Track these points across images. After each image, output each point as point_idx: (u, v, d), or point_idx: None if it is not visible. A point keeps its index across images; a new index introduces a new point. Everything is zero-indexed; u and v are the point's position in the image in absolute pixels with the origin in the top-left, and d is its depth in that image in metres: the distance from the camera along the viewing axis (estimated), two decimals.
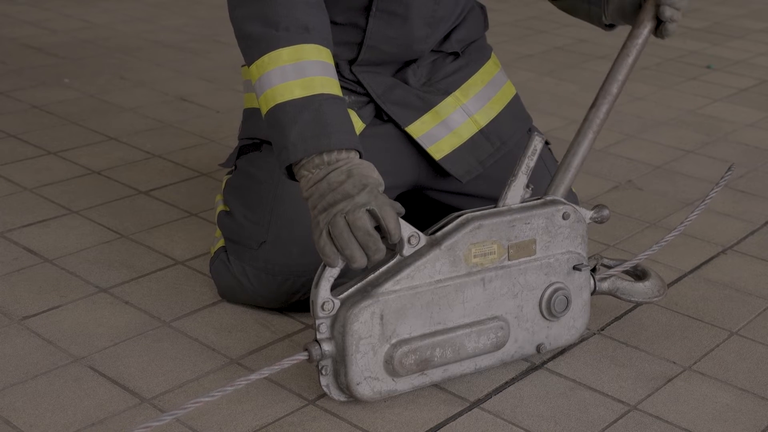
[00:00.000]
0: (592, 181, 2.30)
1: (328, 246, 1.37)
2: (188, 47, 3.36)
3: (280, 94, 1.44)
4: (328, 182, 1.39)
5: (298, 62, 1.45)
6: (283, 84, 1.44)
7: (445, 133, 1.78)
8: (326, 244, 1.37)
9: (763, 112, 2.85)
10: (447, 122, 1.78)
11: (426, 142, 1.76)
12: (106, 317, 1.69)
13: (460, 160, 1.78)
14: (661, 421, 1.45)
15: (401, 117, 1.75)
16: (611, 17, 1.74)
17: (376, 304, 1.40)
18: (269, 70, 1.45)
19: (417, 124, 1.76)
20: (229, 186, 1.77)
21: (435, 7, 1.72)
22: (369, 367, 1.42)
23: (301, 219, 1.63)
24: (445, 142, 1.78)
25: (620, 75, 1.60)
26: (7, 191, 2.18)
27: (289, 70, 1.45)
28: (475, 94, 1.82)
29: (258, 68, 1.47)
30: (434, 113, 1.77)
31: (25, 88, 2.87)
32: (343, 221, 1.35)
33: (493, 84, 1.86)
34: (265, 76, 1.46)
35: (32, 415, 1.42)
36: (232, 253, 1.69)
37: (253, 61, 1.48)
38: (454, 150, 1.78)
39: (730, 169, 1.70)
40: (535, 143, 1.49)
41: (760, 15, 4.08)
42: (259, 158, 1.72)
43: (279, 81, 1.44)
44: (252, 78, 1.48)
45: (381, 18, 1.68)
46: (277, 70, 1.45)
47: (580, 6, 1.80)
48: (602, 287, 1.61)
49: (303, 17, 1.47)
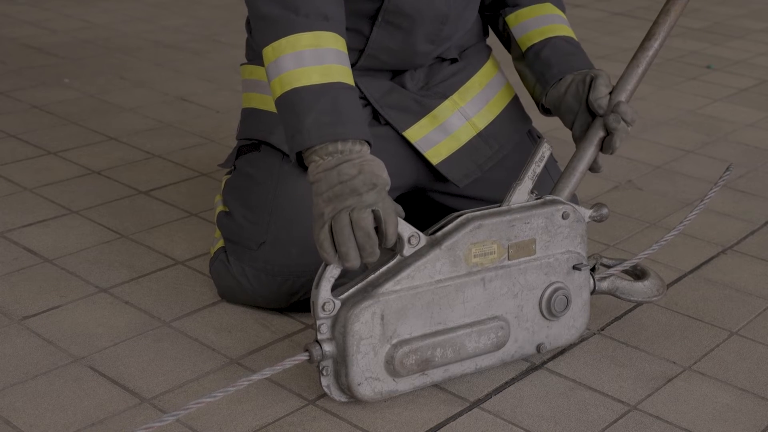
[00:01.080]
0: (592, 181, 2.30)
1: (327, 241, 1.37)
2: (188, 47, 3.36)
3: (297, 79, 1.44)
4: (339, 173, 1.39)
5: (317, 48, 1.45)
6: (301, 69, 1.44)
7: (442, 137, 1.77)
8: (326, 238, 1.37)
9: (763, 112, 2.85)
10: (445, 126, 1.77)
11: (423, 147, 1.76)
12: (106, 317, 1.69)
13: (458, 164, 1.78)
14: (661, 421, 1.45)
15: (398, 121, 1.74)
16: (548, 103, 1.74)
17: (377, 304, 1.40)
18: (287, 53, 1.45)
19: (414, 129, 1.75)
20: (228, 186, 1.77)
21: (441, 27, 1.71)
22: (370, 368, 1.42)
23: (301, 219, 1.63)
24: (443, 146, 1.77)
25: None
26: (7, 191, 2.18)
27: (307, 55, 1.44)
28: (473, 97, 1.82)
29: (274, 50, 1.46)
30: (432, 117, 1.77)
31: (25, 88, 2.87)
32: (347, 218, 1.35)
33: (492, 86, 1.86)
34: (281, 59, 1.45)
35: (32, 415, 1.43)
36: (231, 254, 1.69)
37: (268, 42, 1.47)
38: (452, 154, 1.78)
39: (728, 169, 1.70)
40: (543, 150, 1.49)
41: (760, 15, 4.08)
42: (258, 159, 1.72)
43: (297, 65, 1.44)
44: (266, 59, 1.48)
45: (385, 29, 1.68)
46: (295, 54, 1.45)
47: (530, 77, 1.79)
48: (602, 287, 1.61)
49: (323, 6, 1.47)
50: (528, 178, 1.50)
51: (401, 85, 1.77)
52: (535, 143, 1.86)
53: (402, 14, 1.66)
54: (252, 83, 1.79)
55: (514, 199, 1.50)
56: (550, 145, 1.50)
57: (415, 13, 1.66)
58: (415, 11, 1.66)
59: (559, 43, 1.76)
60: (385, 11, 1.65)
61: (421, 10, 1.66)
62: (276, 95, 1.46)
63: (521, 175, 1.51)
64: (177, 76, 3.04)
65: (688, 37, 3.68)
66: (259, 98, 1.77)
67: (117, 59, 3.20)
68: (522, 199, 1.51)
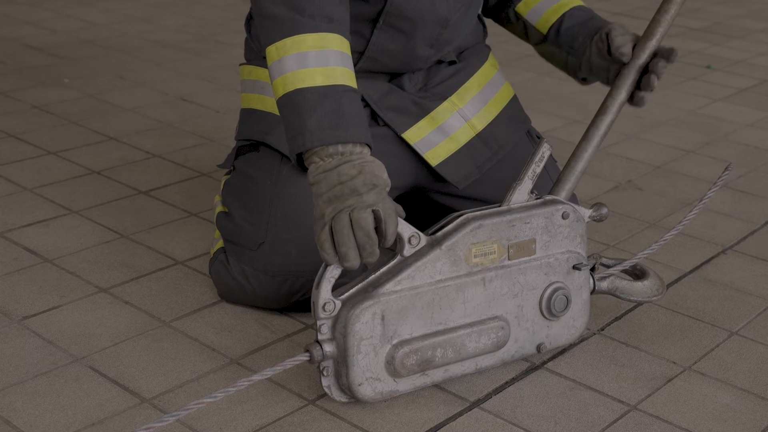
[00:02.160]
0: (592, 181, 2.30)
1: (328, 242, 1.37)
2: (188, 47, 3.36)
3: (301, 80, 1.44)
4: (338, 174, 1.39)
5: (322, 50, 1.45)
6: (305, 69, 1.44)
7: (441, 138, 1.77)
8: (327, 239, 1.37)
9: (763, 112, 2.85)
10: (443, 127, 1.77)
11: (422, 148, 1.76)
12: (106, 317, 1.69)
13: (458, 166, 1.78)
14: (661, 421, 1.45)
15: (397, 123, 1.74)
16: (582, 72, 1.80)
17: (377, 304, 1.40)
18: (291, 54, 1.45)
19: (413, 130, 1.75)
20: (227, 187, 1.77)
21: (441, 31, 1.71)
22: (370, 368, 1.42)
23: (300, 220, 1.63)
24: (442, 148, 1.77)
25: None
26: (7, 191, 2.18)
27: (311, 56, 1.45)
28: (472, 98, 1.82)
29: (278, 50, 1.46)
30: (430, 119, 1.77)
31: (25, 88, 2.87)
32: (347, 218, 1.36)
33: (491, 86, 1.86)
34: (285, 59, 1.45)
35: (32, 415, 1.43)
36: (231, 254, 1.69)
37: (273, 42, 1.47)
38: (451, 155, 1.77)
39: (728, 168, 1.70)
40: (542, 150, 1.49)
41: (760, 15, 4.08)
42: (257, 159, 1.72)
43: (300, 66, 1.44)
44: (269, 59, 1.48)
45: (386, 32, 1.68)
46: (299, 54, 1.45)
47: (559, 54, 1.84)
48: (601, 286, 1.61)
49: (328, 8, 1.48)
50: (528, 178, 1.50)
51: (400, 86, 1.77)
52: (534, 143, 1.86)
53: (403, 17, 1.66)
54: (251, 84, 1.79)
55: (514, 199, 1.50)
56: (549, 145, 1.50)
57: (417, 16, 1.66)
58: (416, 14, 1.66)
59: (575, 13, 1.82)
60: (387, 14, 1.65)
61: (423, 13, 1.67)
62: (278, 95, 1.47)
63: (521, 175, 1.51)
64: (177, 76, 3.04)
65: (688, 37, 3.68)
66: (257, 99, 1.77)
67: (117, 59, 3.20)
68: (522, 199, 1.51)
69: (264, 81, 1.75)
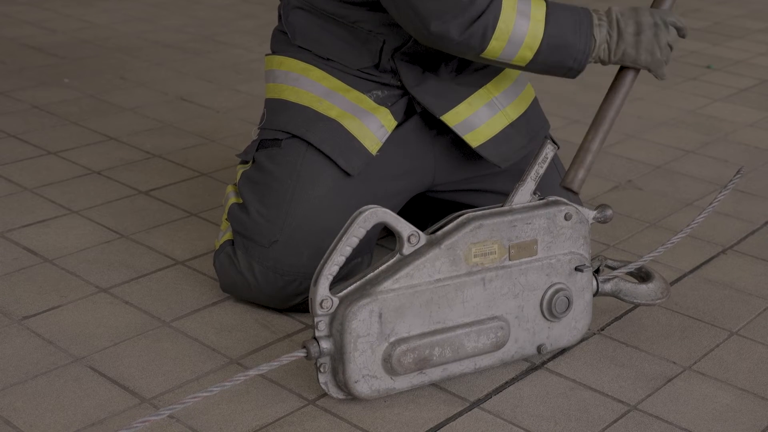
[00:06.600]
0: (592, 181, 2.30)
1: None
2: (188, 47, 3.36)
3: (541, 21, 1.61)
4: (618, 22, 1.65)
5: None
6: (534, 19, 1.61)
7: (478, 123, 1.76)
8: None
9: (763, 112, 2.85)
10: (479, 114, 1.76)
11: (461, 131, 1.74)
12: (106, 317, 1.69)
13: (497, 148, 1.76)
14: (661, 421, 1.45)
15: (435, 107, 1.73)
16: None
17: (375, 302, 1.40)
18: (514, 20, 1.59)
19: (451, 114, 1.74)
20: (245, 178, 1.74)
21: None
22: (367, 365, 1.42)
23: (317, 222, 1.63)
24: (480, 132, 1.76)
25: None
26: (7, 191, 2.18)
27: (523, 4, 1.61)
28: (506, 89, 1.81)
29: (504, 19, 1.59)
30: (467, 104, 1.75)
31: (25, 88, 2.87)
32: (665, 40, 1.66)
33: (519, 83, 1.86)
34: (518, 22, 1.60)
35: (32, 415, 1.43)
36: (240, 248, 1.68)
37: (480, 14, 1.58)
38: (489, 140, 1.76)
39: (739, 172, 1.70)
40: (546, 151, 1.49)
41: (760, 15, 4.08)
42: (279, 155, 1.70)
43: (528, 20, 1.60)
44: (500, 28, 1.59)
45: None
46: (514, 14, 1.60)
47: None
48: (605, 289, 1.61)
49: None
50: (531, 178, 1.50)
51: (435, 73, 1.75)
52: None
53: None
54: (282, 75, 1.76)
55: (516, 200, 1.50)
56: (554, 146, 1.50)
57: None
58: None
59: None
60: None
61: None
62: (532, 52, 1.61)
63: (524, 175, 1.51)
64: (177, 76, 3.04)
65: (688, 37, 3.67)
66: (291, 91, 1.74)
67: (117, 59, 3.20)
68: (524, 199, 1.51)
69: (297, 73, 1.74)
